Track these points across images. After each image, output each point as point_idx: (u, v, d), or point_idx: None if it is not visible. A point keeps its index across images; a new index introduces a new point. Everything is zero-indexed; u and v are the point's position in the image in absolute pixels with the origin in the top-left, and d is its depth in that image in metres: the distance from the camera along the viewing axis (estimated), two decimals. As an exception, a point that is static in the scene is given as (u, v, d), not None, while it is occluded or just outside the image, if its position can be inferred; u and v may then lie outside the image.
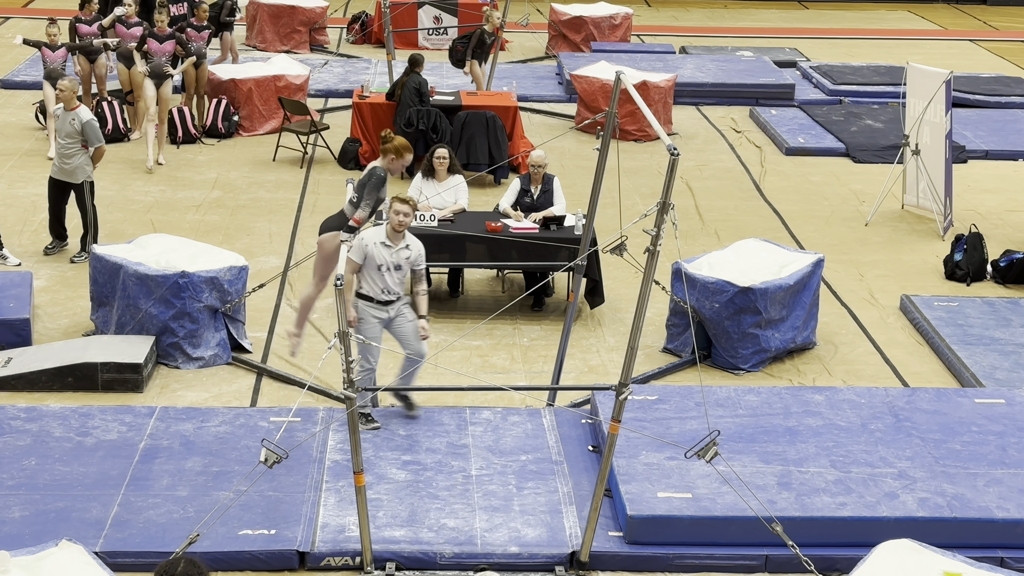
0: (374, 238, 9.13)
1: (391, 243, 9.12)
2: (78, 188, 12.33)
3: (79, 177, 12.29)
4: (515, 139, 15.79)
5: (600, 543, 7.93)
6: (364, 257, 9.10)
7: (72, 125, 12.15)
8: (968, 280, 12.64)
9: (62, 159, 12.26)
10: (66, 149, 12.21)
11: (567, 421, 9.47)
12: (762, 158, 16.71)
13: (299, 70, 17.48)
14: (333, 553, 7.82)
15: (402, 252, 9.14)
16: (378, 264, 9.08)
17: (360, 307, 9.16)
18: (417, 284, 9.40)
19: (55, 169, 12.38)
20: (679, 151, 7.00)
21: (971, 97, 19.24)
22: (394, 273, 9.13)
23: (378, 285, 9.12)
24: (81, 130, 12.13)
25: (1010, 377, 10.36)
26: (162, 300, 10.29)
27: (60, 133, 12.24)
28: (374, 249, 9.09)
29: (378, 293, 9.13)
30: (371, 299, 9.14)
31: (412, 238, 9.28)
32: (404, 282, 9.27)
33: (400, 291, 9.22)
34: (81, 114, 12.20)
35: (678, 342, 10.91)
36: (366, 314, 9.15)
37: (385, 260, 9.08)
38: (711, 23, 26.03)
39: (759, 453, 8.69)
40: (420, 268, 9.28)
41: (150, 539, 7.79)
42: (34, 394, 9.87)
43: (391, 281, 9.14)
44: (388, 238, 9.12)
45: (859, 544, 7.80)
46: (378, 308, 9.16)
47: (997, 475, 8.51)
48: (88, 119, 12.21)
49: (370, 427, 9.20)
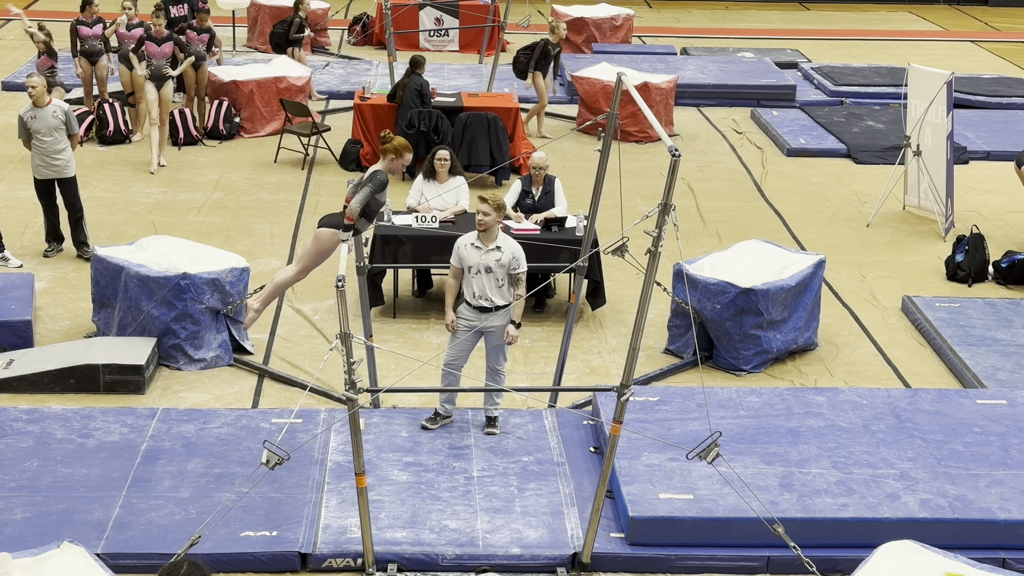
0: (466, 240, 9.08)
1: (481, 244, 9.01)
2: (71, 181, 12.32)
3: (71, 170, 12.32)
4: (516, 140, 15.79)
5: (602, 544, 7.93)
6: (459, 259, 9.06)
7: (56, 117, 12.11)
8: (969, 281, 12.63)
9: (52, 156, 12.16)
10: (55, 144, 12.16)
11: (569, 422, 9.46)
12: (763, 159, 16.71)
13: (301, 72, 17.49)
14: (335, 554, 7.82)
15: (492, 254, 8.99)
16: (468, 266, 9.01)
17: (460, 308, 9.11)
18: (514, 288, 9.08)
19: (42, 170, 12.25)
20: (680, 152, 7.00)
21: (972, 98, 19.24)
22: (485, 276, 8.97)
23: (470, 288, 9.04)
24: (66, 118, 12.16)
25: (1012, 378, 10.35)
26: (164, 302, 10.29)
27: (42, 131, 12.09)
28: (464, 251, 9.04)
29: (471, 297, 9.04)
30: (467, 302, 9.09)
31: (506, 239, 9.10)
32: (504, 287, 9.01)
33: (498, 299, 9.00)
34: (59, 104, 12.23)
35: (680, 343, 10.91)
36: (462, 315, 9.09)
37: (475, 262, 8.99)
38: (712, 24, 26.03)
39: (761, 454, 8.69)
40: (516, 272, 9.04)
41: (152, 541, 7.79)
42: (36, 396, 9.87)
43: (484, 285, 8.97)
44: (478, 239, 9.02)
45: (861, 545, 7.80)
46: (471, 312, 9.06)
47: (999, 476, 8.51)
48: (68, 107, 12.32)
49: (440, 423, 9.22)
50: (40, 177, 12.34)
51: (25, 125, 12.19)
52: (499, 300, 9.04)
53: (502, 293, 9.05)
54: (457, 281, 9.17)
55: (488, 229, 9.00)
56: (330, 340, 10.87)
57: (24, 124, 12.21)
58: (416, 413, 9.54)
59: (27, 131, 12.19)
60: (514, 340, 9.06)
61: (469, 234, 9.14)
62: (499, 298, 9.04)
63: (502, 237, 9.09)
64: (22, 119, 12.24)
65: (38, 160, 12.27)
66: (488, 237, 9.02)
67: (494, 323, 9.04)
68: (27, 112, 12.21)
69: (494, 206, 8.99)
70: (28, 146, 12.34)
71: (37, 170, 12.33)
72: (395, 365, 10.36)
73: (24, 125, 12.21)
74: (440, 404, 9.31)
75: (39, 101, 12.12)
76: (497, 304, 9.03)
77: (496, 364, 9.19)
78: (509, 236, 9.23)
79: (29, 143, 12.28)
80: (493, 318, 9.03)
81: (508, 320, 9.05)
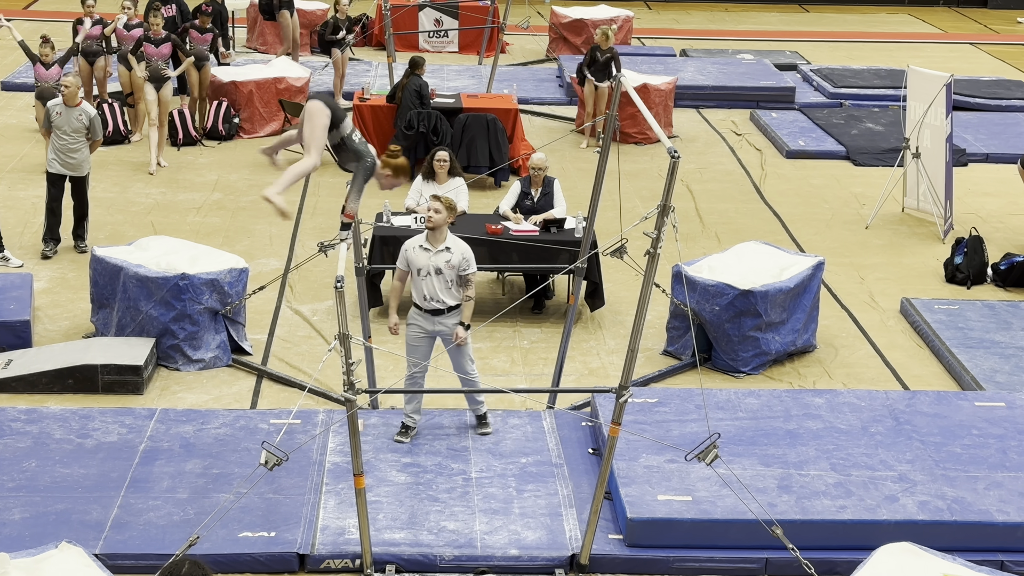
0: (414, 242, 9.00)
1: (429, 246, 8.95)
2: (83, 180, 12.63)
3: (85, 169, 12.64)
4: (515, 142, 15.79)
5: (600, 546, 7.93)
6: (407, 263, 8.99)
7: (80, 120, 12.46)
8: (968, 283, 12.63)
9: (68, 154, 12.46)
10: (72, 143, 12.46)
11: (567, 424, 9.46)
12: (762, 161, 16.71)
13: (300, 72, 17.49)
14: (333, 555, 7.82)
15: (442, 255, 8.92)
16: (417, 268, 8.93)
17: (410, 313, 9.05)
18: (463, 289, 9.00)
19: (57, 165, 12.52)
20: (679, 154, 7.00)
21: (971, 100, 19.25)
22: (435, 278, 8.90)
23: (420, 292, 8.98)
24: (90, 124, 12.50)
25: (1010, 380, 10.35)
26: (162, 302, 10.29)
27: (64, 129, 12.40)
28: (412, 254, 8.97)
29: (421, 300, 8.98)
30: (417, 306, 9.01)
31: (455, 240, 9.01)
32: (454, 289, 8.94)
33: (449, 300, 8.93)
34: (87, 109, 12.60)
35: (678, 345, 10.91)
36: (412, 320, 9.03)
37: (424, 264, 8.91)
38: (712, 26, 26.04)
39: (759, 456, 8.69)
40: (466, 273, 8.95)
41: (150, 541, 7.79)
42: (34, 396, 9.87)
43: (434, 287, 8.89)
44: (427, 240, 8.95)
45: (859, 547, 7.80)
46: (423, 317, 8.98)
47: (997, 478, 8.51)
48: (95, 113, 12.67)
49: (411, 436, 9.14)
50: (53, 171, 12.59)
51: (50, 118, 12.48)
52: (450, 301, 8.97)
53: (451, 294, 8.96)
54: (402, 284, 9.10)
55: (437, 228, 8.90)
56: (329, 341, 10.86)
57: (49, 117, 12.50)
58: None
59: (50, 123, 12.49)
60: (463, 342, 8.94)
61: (416, 236, 9.06)
62: (450, 299, 8.96)
63: (451, 238, 9.01)
64: (48, 112, 12.54)
65: (53, 155, 12.55)
66: (437, 237, 8.92)
67: (447, 324, 8.98)
68: (55, 105, 12.52)
69: (446, 205, 8.92)
70: (46, 136, 12.65)
71: (51, 164, 12.60)
72: (393, 366, 10.35)
73: (48, 118, 12.50)
74: (406, 416, 9.18)
75: (70, 100, 12.44)
76: (449, 305, 8.95)
77: (465, 370, 9.03)
78: (457, 237, 9.14)
79: (48, 134, 12.58)
80: (446, 319, 8.96)
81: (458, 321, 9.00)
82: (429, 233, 8.94)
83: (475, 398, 9.24)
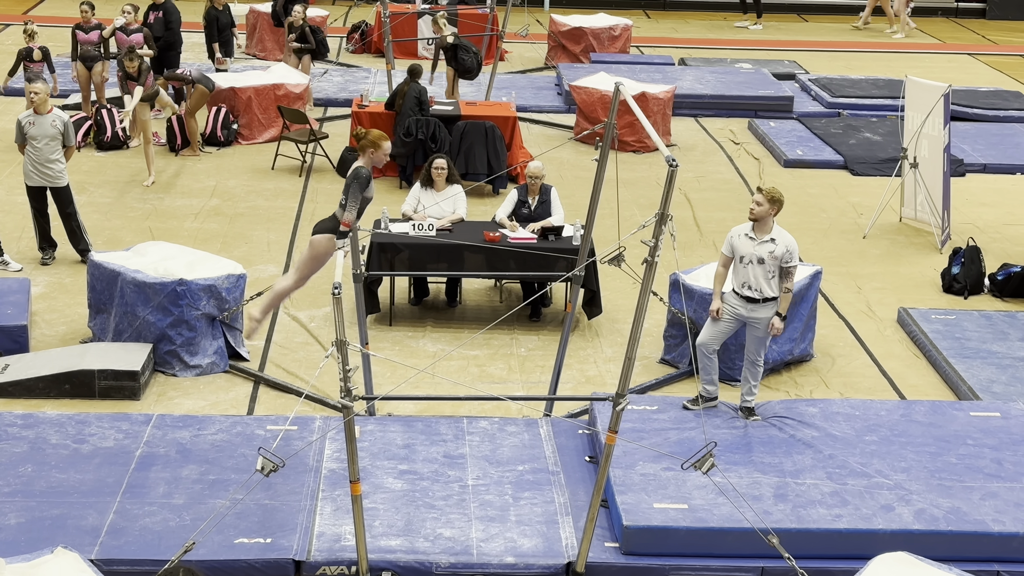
0: (740, 230, 9.23)
1: (755, 236, 9.14)
2: (64, 191, 12.30)
3: (64, 179, 12.30)
4: (514, 149, 15.80)
5: (596, 554, 7.93)
6: (731, 249, 9.20)
7: (55, 127, 12.13)
8: (965, 293, 12.65)
9: (45, 164, 12.13)
10: (51, 153, 12.14)
11: (564, 431, 9.46)
12: (760, 170, 16.73)
13: (298, 79, 17.50)
14: (329, 562, 7.81)
15: (766, 246, 9.11)
16: (740, 256, 9.14)
17: (725, 296, 9.28)
18: (783, 281, 9.19)
19: (35, 177, 12.23)
20: (678, 162, 7.01)
21: (969, 111, 19.27)
22: (756, 267, 9.09)
23: (739, 278, 9.17)
24: (64, 130, 12.17)
25: (1007, 390, 10.36)
26: (160, 308, 10.29)
27: (40, 139, 12.08)
28: (738, 240, 9.18)
29: (739, 286, 9.19)
30: (734, 290, 9.24)
31: (781, 232, 9.20)
32: (774, 280, 9.14)
33: (768, 291, 9.14)
34: (60, 114, 12.25)
35: (675, 353, 10.91)
36: (728, 301, 9.25)
37: (748, 253, 9.11)
38: (710, 35, 26.07)
39: (755, 464, 8.69)
40: (788, 265, 9.11)
41: (146, 547, 7.78)
42: (31, 401, 9.86)
43: (754, 276, 9.11)
44: (752, 230, 9.15)
45: (855, 556, 7.81)
46: (738, 301, 9.22)
47: (993, 488, 8.52)
48: (68, 118, 12.33)
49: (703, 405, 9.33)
50: (31, 184, 12.32)
51: (22, 130, 12.17)
52: (769, 292, 9.14)
53: (771, 285, 9.12)
54: (725, 270, 9.36)
55: (760, 220, 9.12)
56: (326, 347, 10.87)
57: (21, 129, 12.19)
58: (411, 421, 9.54)
59: (23, 136, 12.18)
60: (778, 332, 9.23)
61: (742, 225, 9.25)
62: (769, 290, 9.14)
63: (777, 229, 9.15)
64: (20, 124, 12.22)
65: (29, 167, 12.25)
66: (762, 228, 9.12)
67: (759, 314, 9.17)
68: (26, 117, 12.19)
69: (767, 197, 9.08)
70: (23, 151, 12.33)
71: (28, 176, 12.31)
72: (391, 373, 10.36)
73: (21, 130, 12.19)
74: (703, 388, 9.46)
75: (41, 108, 12.13)
76: (766, 296, 9.14)
77: (756, 356, 9.37)
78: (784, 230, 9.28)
79: (24, 148, 12.28)
80: (759, 309, 9.16)
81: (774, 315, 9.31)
82: (755, 223, 9.14)
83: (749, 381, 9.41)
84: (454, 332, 11.46)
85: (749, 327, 9.34)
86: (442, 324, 11.62)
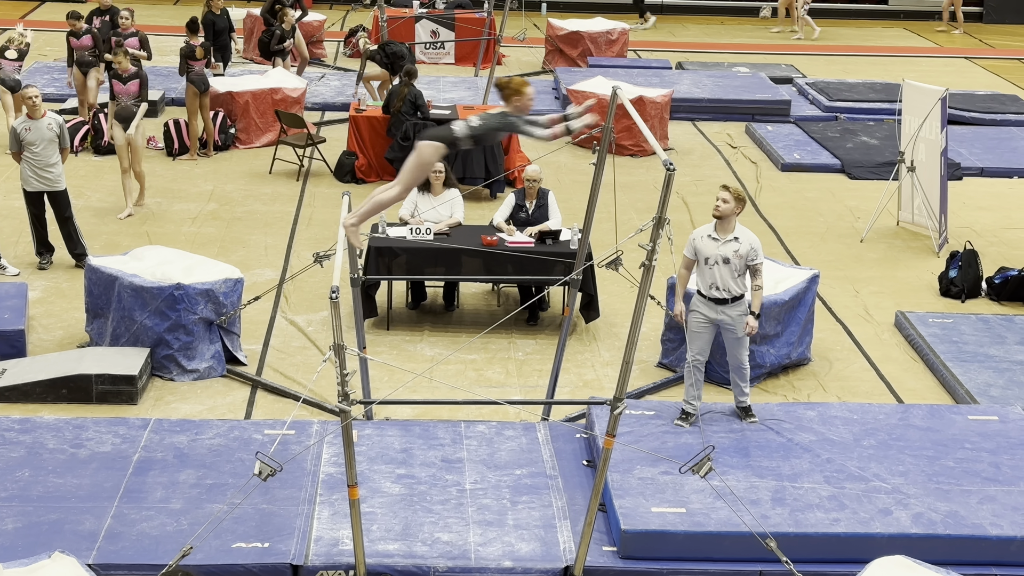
0: (702, 232, 9.17)
1: (717, 235, 9.10)
2: (62, 195, 12.26)
3: (62, 183, 12.26)
4: (511, 153, 15.81)
5: (594, 558, 7.93)
6: (694, 251, 9.15)
7: (51, 129, 12.08)
8: (963, 297, 12.65)
9: (44, 168, 12.08)
10: (49, 157, 12.09)
11: (562, 435, 9.46)
12: (758, 174, 16.74)
13: (296, 83, 17.51)
14: (327, 566, 7.80)
15: (730, 245, 9.07)
16: (705, 258, 9.09)
17: (692, 300, 9.22)
18: (752, 278, 9.19)
19: (33, 182, 12.16)
20: (675, 166, 7.01)
21: (966, 114, 19.29)
22: (723, 267, 9.05)
23: (705, 280, 9.13)
24: (60, 132, 12.13)
25: (1004, 394, 10.36)
26: (157, 312, 10.29)
27: (38, 143, 12.01)
28: (701, 243, 9.12)
29: (706, 288, 9.14)
30: (701, 294, 9.19)
31: (743, 230, 9.16)
32: (741, 279, 9.13)
33: (736, 289, 9.11)
34: (55, 117, 12.21)
35: (673, 357, 10.91)
36: (695, 308, 9.19)
37: (712, 254, 9.06)
38: (707, 39, 26.09)
39: (753, 468, 8.69)
40: (755, 263, 9.11)
41: (143, 552, 7.77)
42: (28, 405, 9.85)
43: (721, 276, 9.07)
44: (715, 230, 9.10)
45: (853, 560, 7.81)
46: (706, 305, 9.16)
47: (990, 492, 8.52)
48: (63, 120, 12.31)
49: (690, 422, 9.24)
50: (30, 189, 12.26)
51: (18, 137, 12.10)
52: (736, 290, 9.10)
53: (738, 283, 9.08)
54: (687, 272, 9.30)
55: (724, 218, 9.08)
56: (323, 352, 10.87)
57: (16, 136, 12.12)
58: (409, 425, 9.54)
59: (19, 143, 12.11)
60: (753, 331, 9.18)
61: (704, 226, 9.21)
62: (737, 287, 9.10)
63: (739, 228, 9.11)
64: (15, 130, 12.15)
65: (28, 172, 12.18)
66: (725, 227, 9.08)
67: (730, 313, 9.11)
68: (21, 124, 12.14)
69: (734, 196, 9.05)
70: (18, 159, 12.24)
71: (28, 182, 12.24)
72: (388, 377, 10.36)
73: (16, 137, 12.12)
74: (685, 402, 9.33)
75: (35, 113, 12.08)
76: (734, 295, 9.11)
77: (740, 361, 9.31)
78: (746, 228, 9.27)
79: (19, 156, 12.19)
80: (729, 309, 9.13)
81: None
82: (717, 223, 9.08)
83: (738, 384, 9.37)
84: (452, 336, 11.46)
85: (724, 331, 9.26)
86: (440, 328, 11.62)
